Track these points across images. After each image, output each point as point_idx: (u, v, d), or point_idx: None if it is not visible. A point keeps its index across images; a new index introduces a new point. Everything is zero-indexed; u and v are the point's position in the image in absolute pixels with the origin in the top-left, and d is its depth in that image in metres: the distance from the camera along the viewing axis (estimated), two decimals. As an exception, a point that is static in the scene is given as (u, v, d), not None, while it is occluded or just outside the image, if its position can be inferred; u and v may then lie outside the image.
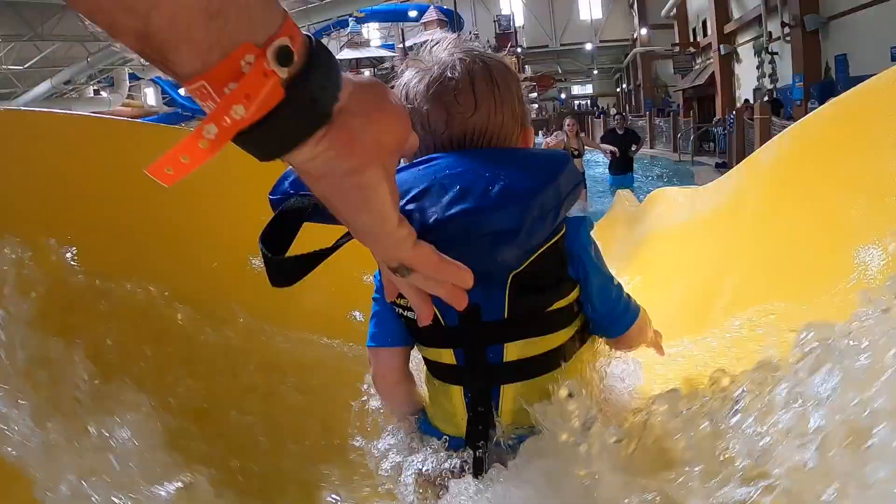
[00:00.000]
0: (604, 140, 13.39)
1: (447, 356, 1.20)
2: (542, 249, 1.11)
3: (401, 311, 1.21)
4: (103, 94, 43.12)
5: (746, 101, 20.94)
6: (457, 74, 1.16)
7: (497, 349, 1.15)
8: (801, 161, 1.98)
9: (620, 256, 4.71)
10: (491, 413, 1.18)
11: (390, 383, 1.35)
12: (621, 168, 12.81)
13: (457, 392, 1.22)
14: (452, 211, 0.98)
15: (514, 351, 1.16)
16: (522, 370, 1.16)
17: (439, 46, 1.22)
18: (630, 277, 3.63)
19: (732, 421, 0.99)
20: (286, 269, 0.99)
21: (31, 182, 1.68)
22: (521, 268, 1.11)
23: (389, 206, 0.83)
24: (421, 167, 1.09)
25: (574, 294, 1.21)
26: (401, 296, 1.08)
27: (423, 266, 0.92)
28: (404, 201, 1.00)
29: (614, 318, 1.28)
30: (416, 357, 1.35)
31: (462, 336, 1.17)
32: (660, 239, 3.90)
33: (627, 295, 1.31)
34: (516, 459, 1.09)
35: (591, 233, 1.23)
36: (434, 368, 1.26)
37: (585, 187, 10.67)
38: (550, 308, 1.17)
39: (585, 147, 10.38)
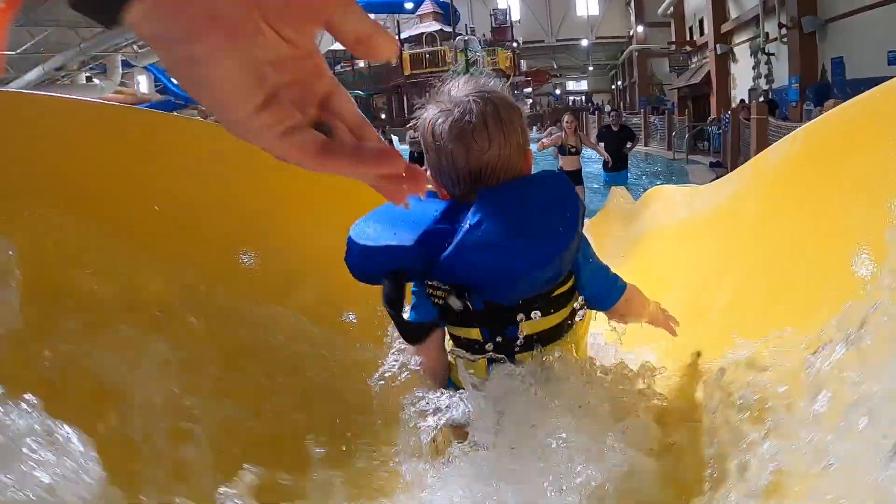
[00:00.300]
0: (599, 137, 13.41)
1: (475, 333, 1.51)
2: None
3: (435, 300, 1.41)
4: (96, 80, 42.90)
5: (742, 101, 20.92)
6: (473, 118, 1.41)
7: (514, 327, 1.46)
8: (810, 165, 1.90)
9: (615, 254, 4.70)
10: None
11: (432, 356, 1.62)
12: (616, 165, 12.82)
13: (482, 361, 1.52)
14: (517, 270, 1.31)
15: (526, 328, 1.46)
16: (532, 342, 1.49)
17: (456, 87, 1.51)
18: (626, 275, 3.62)
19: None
20: (414, 330, 1.43)
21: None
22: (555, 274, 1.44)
23: (233, 90, 0.64)
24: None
25: (570, 281, 1.53)
26: (433, 287, 1.39)
27: (300, 161, 0.71)
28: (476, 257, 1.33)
29: (603, 295, 1.60)
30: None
31: (487, 318, 1.48)
32: (657, 237, 3.88)
33: (614, 275, 1.63)
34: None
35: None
36: (462, 343, 1.55)
37: (582, 183, 10.68)
38: (553, 294, 1.49)
39: (583, 144, 10.38)
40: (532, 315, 1.45)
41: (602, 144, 12.95)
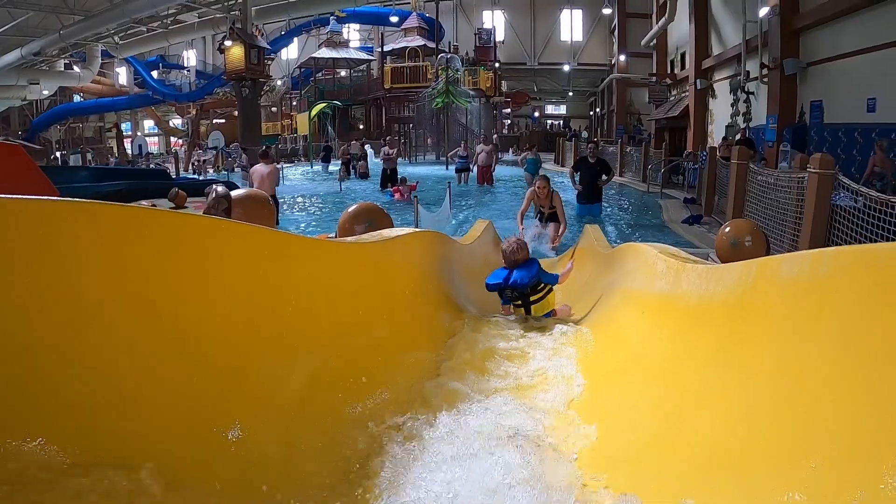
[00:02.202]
0: (575, 167, 13.37)
1: (518, 303, 4.99)
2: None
3: (506, 292, 4.96)
4: (75, 68, 42.32)
5: (725, 138, 20.84)
6: (516, 248, 4.92)
7: (528, 300, 4.96)
8: (840, 303, 1.51)
9: (581, 295, 4.63)
10: (530, 312, 4.92)
11: (504, 314, 5.06)
12: (590, 197, 12.72)
13: (520, 309, 4.97)
14: (529, 282, 4.84)
15: (534, 297, 4.98)
16: (536, 300, 4.99)
17: (510, 238, 5.10)
18: (592, 334, 3.73)
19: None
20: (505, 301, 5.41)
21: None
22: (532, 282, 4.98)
23: None
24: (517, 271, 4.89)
25: (541, 283, 5.03)
26: (509, 291, 4.94)
27: None
28: (513, 279, 4.85)
29: (552, 280, 5.06)
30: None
31: (518, 298, 4.96)
32: (630, 303, 3.72)
33: (553, 273, 5.20)
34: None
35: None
36: (513, 304, 5.05)
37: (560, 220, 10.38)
38: (537, 287, 5.00)
39: (554, 206, 10.08)
40: (533, 295, 4.95)
41: (578, 175, 12.86)
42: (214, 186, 3.89)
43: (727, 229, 4.70)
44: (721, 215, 12.71)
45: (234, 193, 3.52)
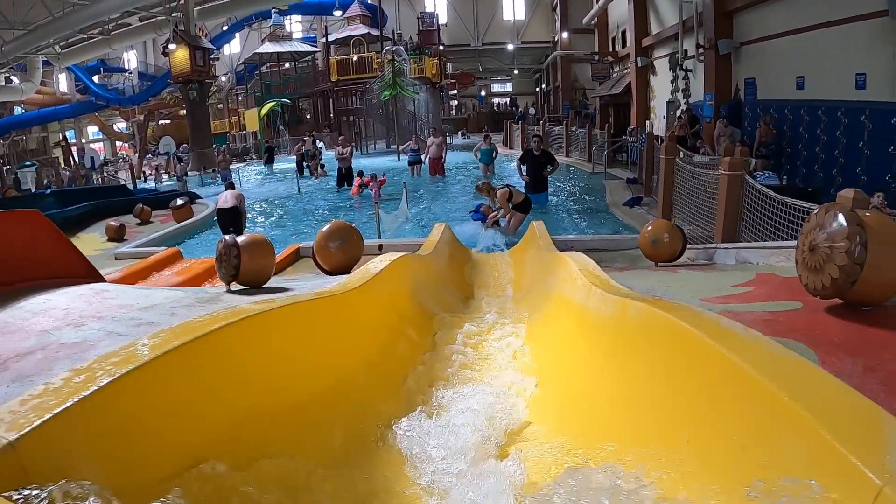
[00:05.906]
0: (521, 159, 13.97)
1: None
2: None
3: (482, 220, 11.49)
4: (14, 80, 40.96)
5: (680, 118, 21.21)
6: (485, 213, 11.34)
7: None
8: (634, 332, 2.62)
9: (528, 302, 5.14)
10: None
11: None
12: (536, 187, 13.34)
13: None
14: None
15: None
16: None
17: (484, 206, 11.59)
18: (535, 334, 4.28)
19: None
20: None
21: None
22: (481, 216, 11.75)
23: None
24: None
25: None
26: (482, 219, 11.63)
27: None
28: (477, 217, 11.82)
29: (477, 216, 11.71)
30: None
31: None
32: (560, 310, 4.28)
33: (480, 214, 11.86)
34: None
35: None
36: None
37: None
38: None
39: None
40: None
41: (524, 167, 13.54)
42: (221, 239, 4.16)
43: (649, 228, 5.50)
44: (660, 195, 13.45)
45: (240, 240, 4.00)
